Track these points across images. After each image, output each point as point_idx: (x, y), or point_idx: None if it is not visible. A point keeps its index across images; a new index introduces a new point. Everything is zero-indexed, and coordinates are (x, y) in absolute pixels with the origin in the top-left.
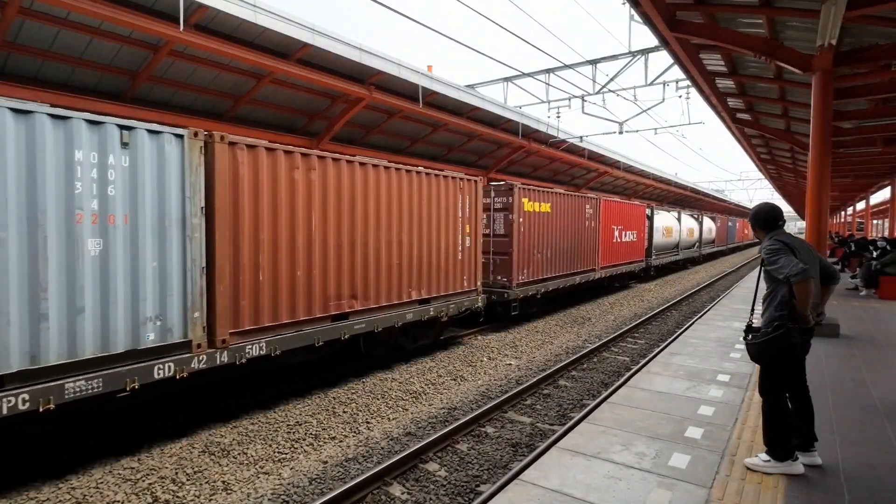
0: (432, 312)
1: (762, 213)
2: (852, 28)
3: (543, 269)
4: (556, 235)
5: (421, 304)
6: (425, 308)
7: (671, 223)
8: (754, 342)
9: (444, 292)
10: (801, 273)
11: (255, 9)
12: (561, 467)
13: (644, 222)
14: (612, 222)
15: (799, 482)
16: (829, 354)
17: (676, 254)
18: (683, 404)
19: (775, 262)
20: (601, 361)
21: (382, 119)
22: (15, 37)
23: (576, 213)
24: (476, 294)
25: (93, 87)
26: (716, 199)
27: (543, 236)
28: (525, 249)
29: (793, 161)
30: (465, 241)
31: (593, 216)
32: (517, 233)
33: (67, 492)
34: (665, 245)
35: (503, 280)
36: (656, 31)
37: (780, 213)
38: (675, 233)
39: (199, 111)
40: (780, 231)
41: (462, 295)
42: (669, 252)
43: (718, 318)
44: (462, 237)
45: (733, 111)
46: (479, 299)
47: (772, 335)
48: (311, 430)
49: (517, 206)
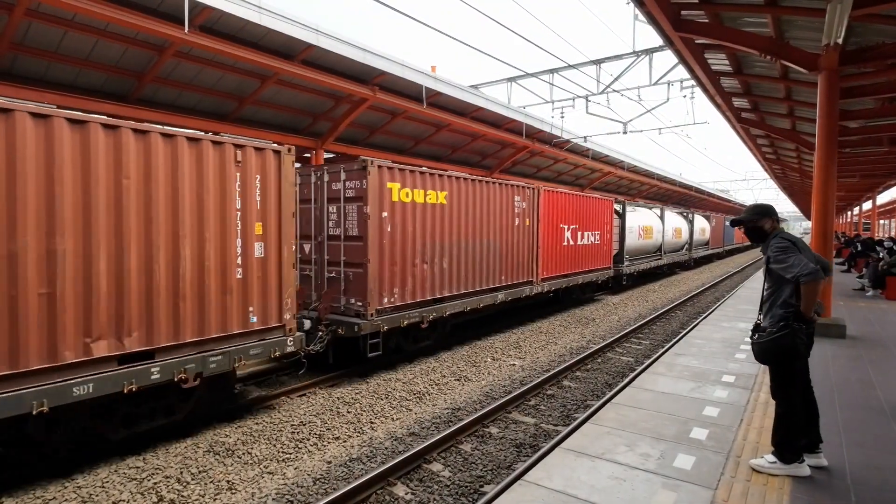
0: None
1: (763, 207)
2: (858, 27)
3: (436, 286)
4: (458, 237)
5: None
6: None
7: (651, 222)
8: (760, 342)
9: (183, 340)
10: (812, 273)
11: (260, 10)
12: (565, 468)
13: (611, 220)
14: (561, 220)
15: (805, 483)
16: (835, 355)
17: (659, 258)
18: (688, 405)
19: (784, 261)
20: (605, 362)
21: (386, 119)
22: (22, 38)
23: (496, 206)
24: (282, 333)
25: (99, 88)
26: (720, 200)
27: (434, 238)
28: (396, 259)
29: (798, 161)
30: (251, 248)
31: (527, 212)
32: (378, 234)
33: (73, 490)
34: (643, 248)
35: (356, 305)
36: (661, 31)
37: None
38: (656, 233)
39: (204, 112)
40: (782, 230)
41: (231, 340)
42: (649, 256)
43: (724, 318)
44: (244, 242)
45: (738, 111)
46: (289, 341)
47: (777, 335)
48: (316, 430)
49: (378, 195)
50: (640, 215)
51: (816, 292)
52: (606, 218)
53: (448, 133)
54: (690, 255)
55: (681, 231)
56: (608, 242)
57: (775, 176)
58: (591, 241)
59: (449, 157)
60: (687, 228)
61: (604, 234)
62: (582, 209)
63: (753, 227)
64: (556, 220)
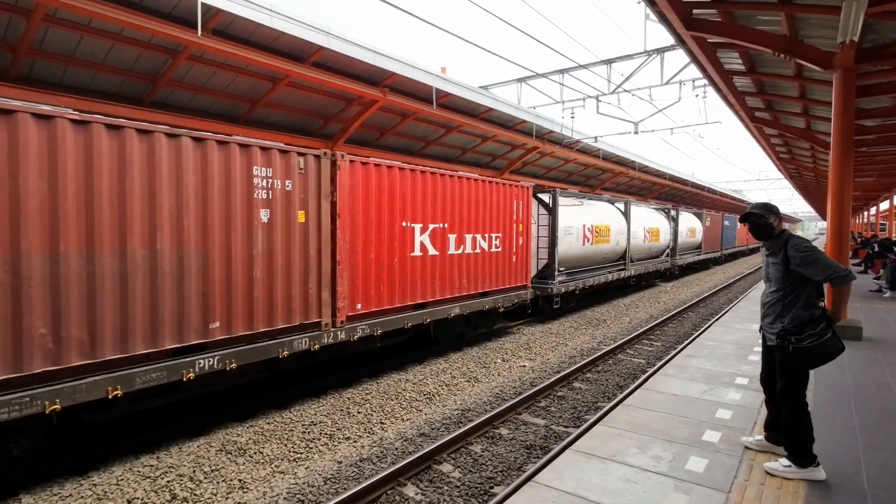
0: None
1: (772, 205)
2: (875, 24)
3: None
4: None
5: None
6: None
7: (607, 219)
8: (807, 346)
9: None
10: (849, 275)
11: (271, 13)
12: (576, 470)
13: (527, 217)
14: (406, 214)
15: (820, 487)
16: (851, 357)
17: (622, 268)
18: (700, 407)
19: (815, 263)
20: (616, 363)
21: (396, 121)
22: (40, 44)
23: (219, 183)
24: None
25: (114, 91)
26: (734, 200)
27: None
28: None
29: (813, 160)
30: None
31: (297, 198)
32: None
33: (89, 488)
34: (594, 256)
35: None
36: (672, 30)
37: None
38: (616, 234)
39: (217, 115)
40: (790, 232)
41: None
42: (605, 267)
43: (737, 320)
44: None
45: (752, 110)
46: None
47: (827, 337)
48: (326, 430)
49: None
50: (586, 211)
51: (849, 294)
52: (520, 214)
53: (458, 134)
54: (673, 261)
55: (658, 232)
56: (524, 251)
57: (790, 176)
58: (484, 247)
59: (459, 158)
60: (668, 228)
61: (510, 236)
62: (460, 198)
63: (763, 224)
64: (391, 213)
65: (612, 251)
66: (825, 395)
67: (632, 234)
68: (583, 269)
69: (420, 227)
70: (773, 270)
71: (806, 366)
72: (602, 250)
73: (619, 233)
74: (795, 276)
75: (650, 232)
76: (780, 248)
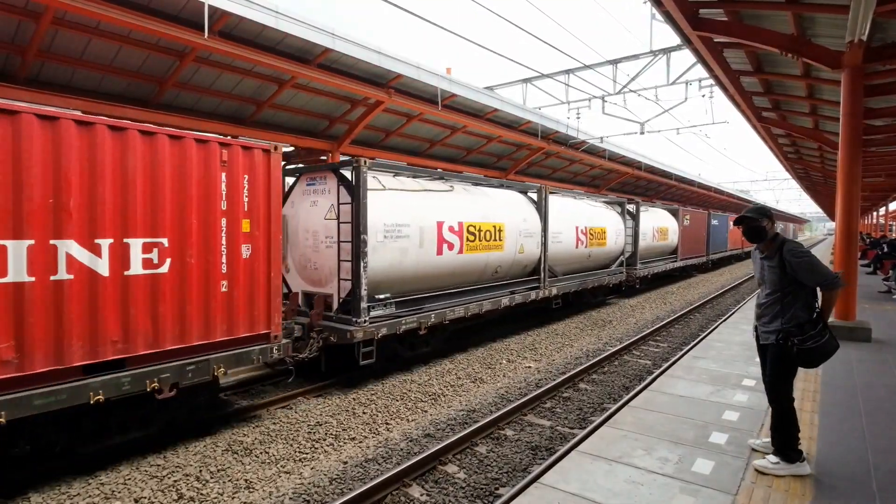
0: None
1: (766, 207)
2: (884, 23)
3: None
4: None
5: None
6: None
7: (490, 213)
8: (814, 346)
9: None
10: (838, 280)
11: (277, 15)
12: (581, 471)
13: (262, 206)
14: None
15: (828, 490)
16: (860, 359)
17: (534, 286)
18: (707, 409)
19: (813, 268)
20: (622, 365)
21: (402, 122)
22: (49, 46)
23: None
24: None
25: (121, 93)
26: (740, 200)
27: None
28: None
29: (821, 160)
30: None
31: None
32: None
33: (97, 487)
34: (457, 272)
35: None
36: (678, 30)
37: None
38: (507, 236)
39: (223, 116)
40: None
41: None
42: (486, 288)
43: (743, 321)
44: None
45: (759, 110)
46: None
47: (828, 336)
48: (332, 431)
49: None
50: (449, 200)
51: (837, 298)
52: (249, 199)
53: (464, 135)
54: (636, 272)
55: (604, 232)
56: (258, 268)
57: (797, 176)
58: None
59: (464, 158)
60: (622, 229)
61: (214, 242)
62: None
63: (757, 227)
64: None
65: (512, 262)
66: (833, 396)
67: (552, 237)
68: (443, 290)
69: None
70: (769, 274)
71: (808, 365)
72: (486, 261)
73: (526, 234)
74: (792, 279)
75: (591, 233)
76: (775, 251)
